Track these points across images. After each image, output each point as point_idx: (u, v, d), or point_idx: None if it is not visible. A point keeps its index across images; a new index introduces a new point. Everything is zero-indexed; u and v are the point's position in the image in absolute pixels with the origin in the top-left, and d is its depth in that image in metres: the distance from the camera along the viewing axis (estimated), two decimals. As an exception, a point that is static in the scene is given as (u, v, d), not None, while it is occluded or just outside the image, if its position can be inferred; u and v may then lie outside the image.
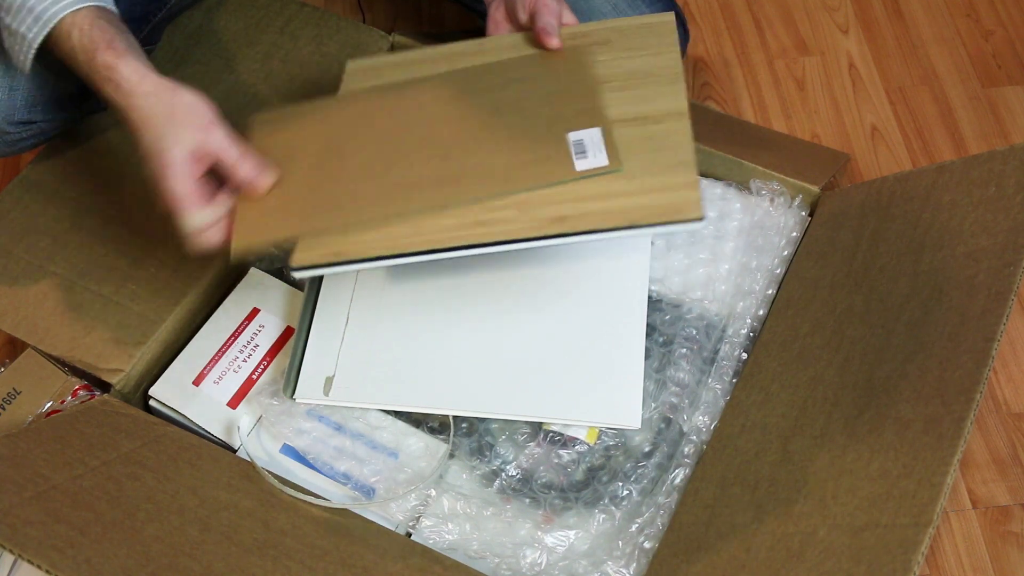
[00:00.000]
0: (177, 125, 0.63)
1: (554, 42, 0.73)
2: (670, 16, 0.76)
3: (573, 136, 0.68)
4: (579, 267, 0.82)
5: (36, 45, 0.67)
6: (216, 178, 0.67)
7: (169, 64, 0.94)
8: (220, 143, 0.64)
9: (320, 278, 0.82)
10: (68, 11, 0.65)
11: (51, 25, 0.65)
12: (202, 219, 0.64)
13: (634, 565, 0.72)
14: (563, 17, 0.76)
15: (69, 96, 0.82)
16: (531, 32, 0.75)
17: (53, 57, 0.68)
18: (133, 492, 0.66)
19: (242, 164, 0.65)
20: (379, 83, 0.77)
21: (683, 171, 0.66)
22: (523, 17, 0.76)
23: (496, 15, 0.79)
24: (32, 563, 0.56)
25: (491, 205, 0.66)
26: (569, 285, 0.81)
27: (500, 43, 0.78)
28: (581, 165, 0.66)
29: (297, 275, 0.67)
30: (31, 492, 0.63)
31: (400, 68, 0.78)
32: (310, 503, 0.71)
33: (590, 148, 0.67)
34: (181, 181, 0.63)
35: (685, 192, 0.64)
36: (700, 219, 0.63)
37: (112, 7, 0.69)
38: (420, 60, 0.79)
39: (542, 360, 0.77)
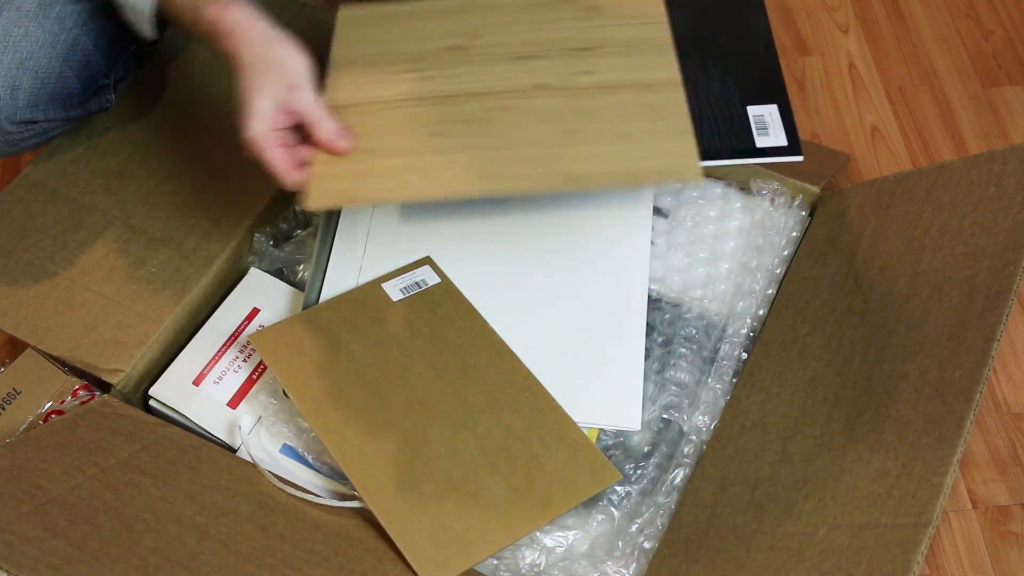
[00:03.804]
0: (268, 78, 0.65)
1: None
2: None
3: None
4: (579, 267, 0.82)
5: (150, 13, 0.69)
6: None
7: (170, 64, 0.94)
8: (303, 103, 0.66)
9: (320, 284, 0.82)
10: None
11: None
12: (280, 163, 0.66)
13: (634, 565, 0.72)
14: None
15: (72, 96, 0.82)
16: None
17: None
18: (131, 501, 0.66)
19: (322, 125, 0.67)
20: (374, 31, 0.79)
21: (683, 140, 0.68)
22: None
23: None
24: None
25: (507, 161, 0.68)
26: (569, 285, 0.81)
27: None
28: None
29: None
30: (29, 506, 0.62)
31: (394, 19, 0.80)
32: (311, 503, 0.71)
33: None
34: (260, 129, 0.65)
35: (687, 160, 0.67)
36: (700, 177, 0.67)
37: None
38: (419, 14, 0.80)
39: (542, 360, 0.77)
